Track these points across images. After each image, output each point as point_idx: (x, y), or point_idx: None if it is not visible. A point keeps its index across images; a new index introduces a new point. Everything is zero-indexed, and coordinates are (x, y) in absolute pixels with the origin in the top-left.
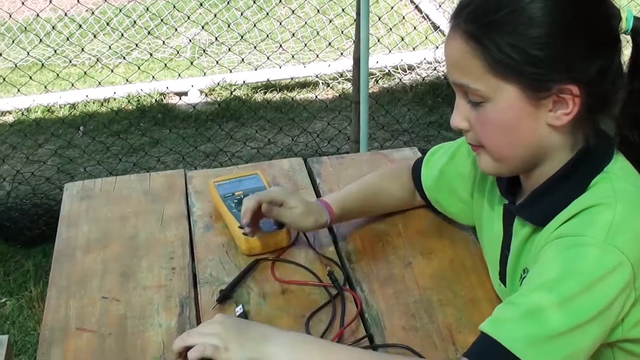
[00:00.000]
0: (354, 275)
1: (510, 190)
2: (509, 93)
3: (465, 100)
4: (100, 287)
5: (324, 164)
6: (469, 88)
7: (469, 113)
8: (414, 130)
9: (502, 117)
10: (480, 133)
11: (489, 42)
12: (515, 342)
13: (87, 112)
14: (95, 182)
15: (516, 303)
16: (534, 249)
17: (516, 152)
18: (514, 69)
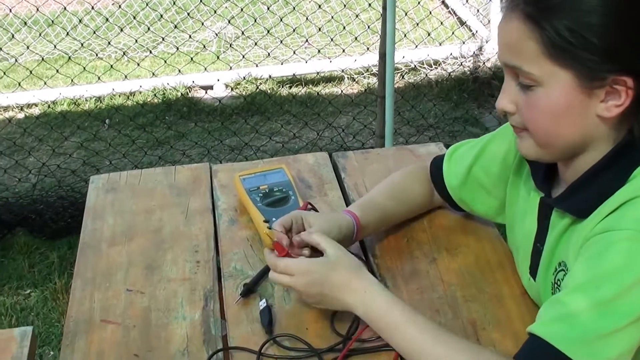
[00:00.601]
0: (379, 270)
1: (547, 182)
2: (563, 79)
3: (514, 83)
4: (124, 279)
5: (349, 158)
6: (522, 70)
7: (517, 96)
8: (439, 126)
9: (552, 103)
10: (527, 117)
11: (547, 24)
12: (566, 342)
13: (112, 105)
14: (121, 174)
15: (563, 302)
16: (573, 242)
17: (561, 139)
18: (571, 54)
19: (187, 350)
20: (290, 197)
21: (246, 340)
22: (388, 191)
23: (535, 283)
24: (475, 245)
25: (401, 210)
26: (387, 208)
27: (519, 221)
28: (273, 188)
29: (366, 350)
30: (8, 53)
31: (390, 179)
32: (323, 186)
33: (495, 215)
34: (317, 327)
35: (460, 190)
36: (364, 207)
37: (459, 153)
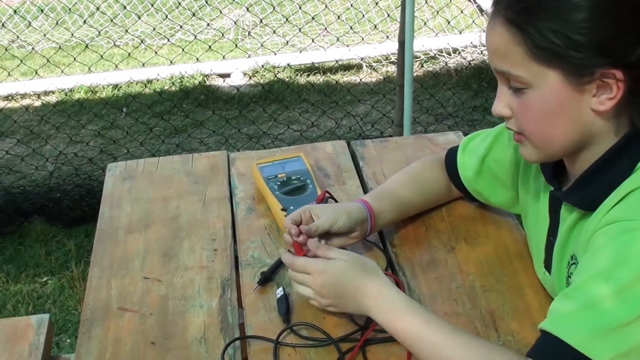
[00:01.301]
0: (397, 259)
1: (556, 176)
2: (552, 79)
3: (507, 87)
4: (142, 267)
5: (367, 147)
6: (511, 75)
7: (511, 100)
8: (458, 115)
9: (544, 103)
10: (522, 120)
11: (530, 27)
12: (577, 337)
13: (130, 93)
14: (138, 162)
15: (572, 296)
16: (582, 236)
17: (558, 139)
18: (557, 54)
19: (204, 338)
20: (308, 186)
21: (263, 329)
22: (405, 180)
23: (550, 277)
24: (494, 235)
25: (419, 200)
26: (403, 197)
27: (532, 214)
28: (291, 176)
29: (383, 340)
30: (25, 40)
31: (407, 169)
32: (341, 175)
33: (511, 206)
34: (335, 316)
35: (474, 182)
36: (378, 195)
37: (473, 144)
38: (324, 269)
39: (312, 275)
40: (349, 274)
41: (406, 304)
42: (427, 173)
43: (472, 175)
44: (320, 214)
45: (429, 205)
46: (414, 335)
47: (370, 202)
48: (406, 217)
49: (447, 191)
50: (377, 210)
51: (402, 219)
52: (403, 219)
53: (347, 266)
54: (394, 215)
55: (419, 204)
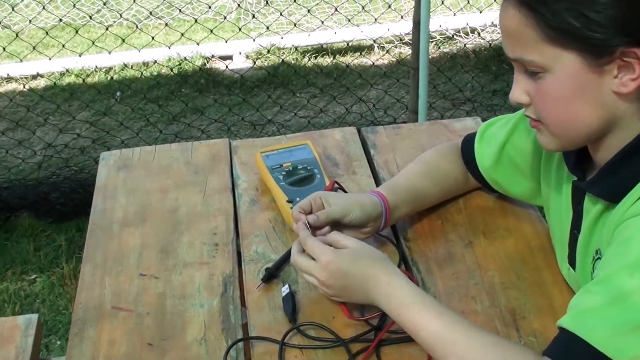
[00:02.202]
0: (411, 254)
1: (580, 165)
2: (569, 61)
3: (523, 73)
4: (138, 263)
5: (379, 134)
6: (524, 60)
7: (528, 85)
8: (476, 99)
9: (562, 87)
10: (540, 106)
11: (543, 8)
12: (597, 335)
13: (124, 78)
14: (134, 151)
15: (594, 291)
16: (607, 229)
17: (577, 125)
18: (572, 35)
19: (205, 339)
20: (315, 176)
21: (268, 329)
22: (420, 171)
23: (574, 273)
24: (515, 228)
25: (435, 192)
26: (420, 189)
27: (555, 206)
28: (297, 166)
29: (398, 340)
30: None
31: (422, 158)
32: (351, 164)
33: (532, 197)
34: (345, 315)
35: (493, 171)
36: (393, 188)
37: (492, 131)
38: (331, 260)
39: (318, 263)
40: (356, 263)
41: (417, 295)
42: (443, 162)
43: (490, 164)
44: (333, 202)
45: (445, 196)
46: (425, 330)
47: (386, 195)
48: (421, 210)
49: (464, 181)
50: (393, 204)
51: (417, 211)
52: (418, 212)
53: (355, 255)
54: (409, 208)
55: (435, 195)
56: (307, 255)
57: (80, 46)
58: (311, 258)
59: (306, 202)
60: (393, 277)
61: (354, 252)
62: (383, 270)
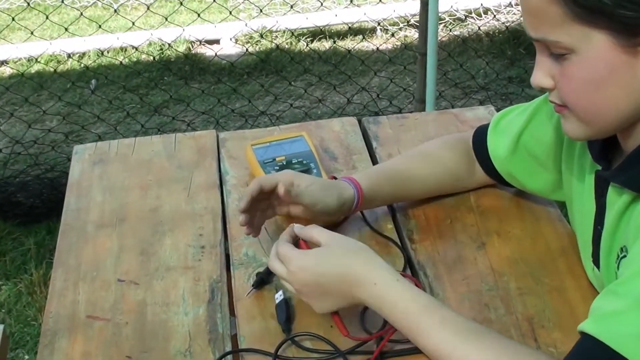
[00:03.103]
0: (417, 257)
1: (605, 153)
2: (598, 41)
3: (546, 54)
4: (115, 267)
5: (381, 124)
6: (548, 41)
7: (552, 68)
8: (490, 87)
9: (591, 70)
10: (566, 91)
11: None
12: (622, 341)
13: (100, 65)
14: (111, 144)
15: (619, 292)
16: (633, 223)
17: (607, 111)
18: (602, 12)
19: (190, 351)
20: (312, 171)
21: (259, 340)
22: (411, 154)
23: (599, 273)
24: (532, 228)
25: (427, 178)
26: (403, 172)
27: (577, 200)
28: (292, 160)
29: (402, 352)
30: None
31: (420, 146)
32: (351, 157)
33: (551, 191)
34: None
35: (508, 163)
36: (369, 172)
37: (506, 120)
38: (298, 266)
39: (290, 270)
40: (328, 263)
41: (412, 295)
42: (444, 151)
43: (505, 156)
44: (304, 185)
45: (441, 188)
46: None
47: (361, 183)
48: (417, 199)
49: (466, 176)
50: (369, 194)
51: (409, 199)
52: (424, 210)
53: (325, 254)
54: (389, 193)
55: (427, 183)
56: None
57: (51, 30)
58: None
59: (270, 180)
60: (378, 273)
61: (324, 251)
62: (366, 265)
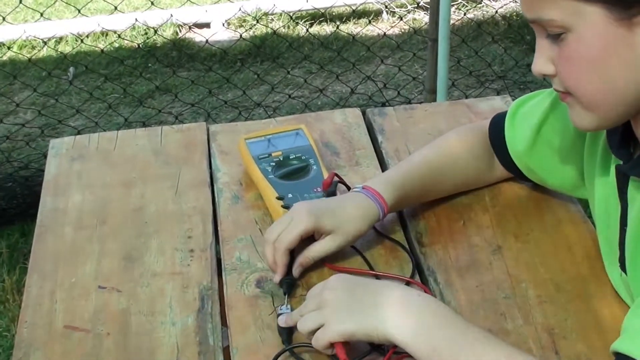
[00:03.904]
0: (426, 262)
1: (626, 146)
2: (592, 16)
3: (545, 37)
4: (96, 273)
5: (387, 116)
6: (543, 20)
7: (551, 52)
8: (508, 76)
9: (587, 48)
10: (565, 75)
11: None
12: None
13: (78, 52)
14: (91, 138)
15: None
16: None
17: (611, 93)
18: None
19: None
20: (311, 167)
21: (254, 352)
22: (429, 155)
23: (628, 279)
24: (553, 229)
25: (449, 184)
26: (428, 181)
27: (600, 198)
28: (289, 155)
29: None
30: None
31: (435, 140)
32: (354, 153)
33: (574, 188)
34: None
35: (527, 157)
36: (394, 182)
37: (526, 109)
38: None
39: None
40: (364, 279)
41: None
42: (462, 147)
43: (524, 149)
44: (329, 227)
45: (461, 188)
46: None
47: (381, 192)
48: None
49: (487, 171)
50: (392, 202)
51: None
52: (435, 210)
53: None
54: (416, 198)
55: (448, 189)
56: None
57: (25, 13)
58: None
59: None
60: (407, 291)
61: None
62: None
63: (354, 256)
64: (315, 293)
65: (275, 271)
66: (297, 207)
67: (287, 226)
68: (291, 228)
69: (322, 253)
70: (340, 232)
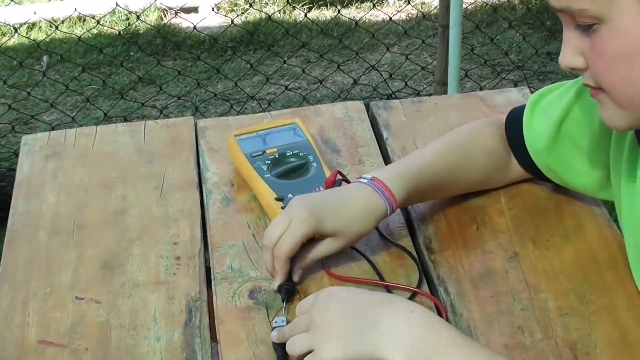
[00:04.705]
0: (436, 270)
1: None
2: (629, 6)
3: (574, 28)
4: (73, 283)
5: (393, 110)
6: (573, 9)
7: (581, 44)
8: (525, 65)
9: (623, 42)
10: (597, 69)
11: None
12: None
13: (53, 39)
14: (67, 133)
15: None
16: None
17: None
18: None
19: None
20: (310, 164)
21: None
22: (441, 149)
23: None
24: (576, 234)
25: (461, 183)
26: (442, 180)
27: (627, 201)
28: (285, 152)
29: None
30: None
31: (448, 134)
32: (357, 150)
33: (598, 189)
34: None
35: (547, 155)
36: (411, 177)
37: (546, 102)
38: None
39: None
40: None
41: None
42: (476, 141)
43: (544, 146)
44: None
45: (474, 187)
46: None
47: (390, 185)
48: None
49: (504, 169)
50: (402, 198)
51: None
52: (445, 212)
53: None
54: (427, 194)
55: (462, 187)
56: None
57: None
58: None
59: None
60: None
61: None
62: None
63: (359, 260)
64: (305, 309)
65: (274, 277)
66: (296, 205)
67: (286, 229)
68: (291, 232)
69: (322, 255)
70: (343, 235)
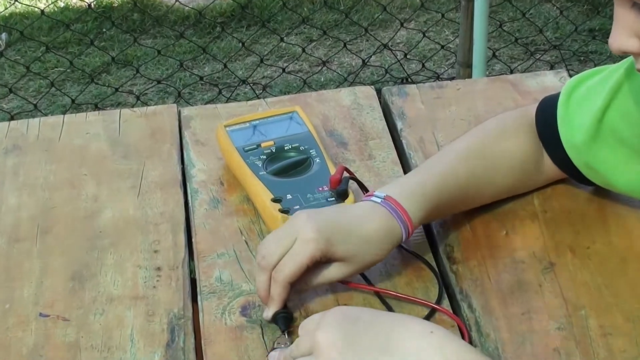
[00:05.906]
0: (459, 283)
1: None
2: None
3: (629, 7)
4: (36, 297)
5: (409, 97)
6: None
7: (636, 25)
8: (563, 45)
9: None
10: None
11: None
12: None
13: (12, 13)
14: (29, 124)
15: None
16: None
17: None
18: None
19: None
20: (312, 159)
21: None
22: (464, 155)
23: None
24: (621, 242)
25: (487, 194)
26: (467, 193)
27: None
28: (283, 145)
29: None
30: None
31: (471, 133)
32: (366, 143)
33: None
34: None
35: (587, 152)
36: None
37: (585, 89)
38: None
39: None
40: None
41: None
42: (503, 141)
43: (583, 141)
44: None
45: (503, 194)
46: None
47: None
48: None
49: (535, 170)
50: (418, 219)
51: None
52: (470, 217)
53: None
54: (448, 211)
55: (488, 196)
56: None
57: None
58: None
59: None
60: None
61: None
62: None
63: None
64: (309, 329)
65: (266, 304)
66: (302, 221)
67: (289, 248)
68: (295, 253)
69: (328, 282)
70: (354, 261)
